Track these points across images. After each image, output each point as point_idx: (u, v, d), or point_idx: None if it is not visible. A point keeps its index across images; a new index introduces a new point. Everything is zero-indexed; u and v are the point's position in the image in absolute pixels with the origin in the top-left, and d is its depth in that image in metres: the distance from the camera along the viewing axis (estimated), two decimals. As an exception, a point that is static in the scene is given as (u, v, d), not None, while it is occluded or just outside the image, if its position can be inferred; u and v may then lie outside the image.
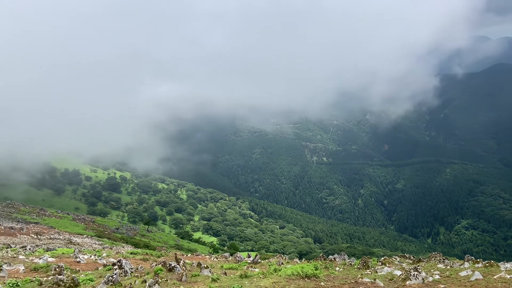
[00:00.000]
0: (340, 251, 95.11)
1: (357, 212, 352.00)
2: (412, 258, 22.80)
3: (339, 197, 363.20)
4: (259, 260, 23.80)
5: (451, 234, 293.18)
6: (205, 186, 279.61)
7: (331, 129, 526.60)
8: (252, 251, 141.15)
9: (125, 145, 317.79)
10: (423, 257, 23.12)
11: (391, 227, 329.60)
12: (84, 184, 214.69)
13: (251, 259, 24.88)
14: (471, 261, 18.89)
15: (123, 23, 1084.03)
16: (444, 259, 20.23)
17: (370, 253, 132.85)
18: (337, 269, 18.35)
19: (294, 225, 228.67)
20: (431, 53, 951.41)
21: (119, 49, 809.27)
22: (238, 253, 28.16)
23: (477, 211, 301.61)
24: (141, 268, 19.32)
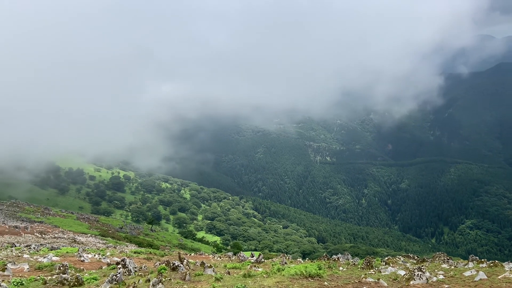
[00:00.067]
0: (343, 250, 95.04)
1: (361, 211, 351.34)
2: (416, 258, 22.72)
3: (343, 196, 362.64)
4: (263, 259, 23.80)
5: (455, 234, 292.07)
6: (208, 185, 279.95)
7: (335, 129, 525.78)
8: (255, 250, 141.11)
9: (128, 144, 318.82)
10: (427, 257, 23.04)
11: (395, 227, 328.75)
12: (88, 183, 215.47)
13: (255, 258, 24.88)
14: (475, 261, 18.80)
15: (126, 23, 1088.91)
16: (448, 259, 20.15)
17: (373, 253, 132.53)
18: (341, 268, 18.32)
19: (297, 225, 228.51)
20: (435, 52, 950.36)
21: (122, 48, 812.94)
22: (241, 252, 28.16)
23: (481, 211, 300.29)
24: (144, 267, 19.36)
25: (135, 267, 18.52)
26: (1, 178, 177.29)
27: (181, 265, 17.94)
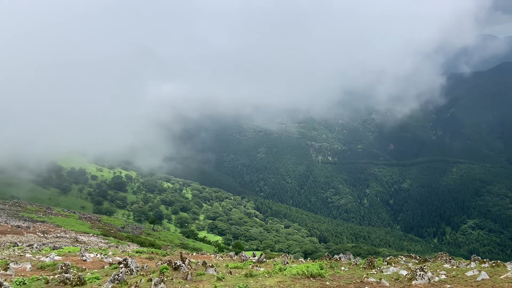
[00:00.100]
0: (345, 250, 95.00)
1: (363, 211, 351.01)
2: (418, 258, 22.69)
3: (345, 196, 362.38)
4: (264, 259, 23.81)
5: (458, 234, 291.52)
6: (210, 185, 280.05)
7: (337, 128, 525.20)
8: (257, 250, 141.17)
9: (129, 144, 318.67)
10: (429, 257, 23.00)
11: (397, 227, 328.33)
12: (90, 183, 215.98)
13: (256, 258, 24.90)
14: (477, 261, 18.77)
15: (126, 23, 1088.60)
16: (450, 259, 20.11)
17: (375, 253, 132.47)
18: (343, 268, 18.31)
19: (299, 225, 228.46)
20: (437, 52, 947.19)
21: (122, 48, 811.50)
22: (243, 252, 28.19)
23: (483, 211, 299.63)
24: (146, 266, 19.40)
25: (137, 267, 18.55)
26: (3, 177, 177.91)
27: (183, 264, 17.97)
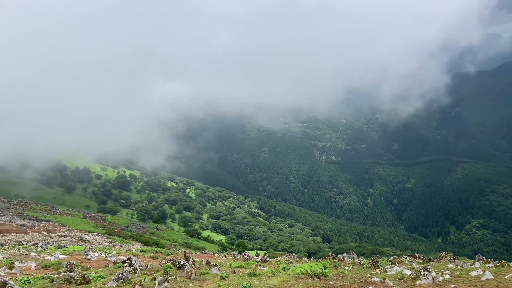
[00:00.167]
0: (349, 250, 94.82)
1: (366, 211, 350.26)
2: (422, 257, 22.63)
3: (348, 196, 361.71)
4: (268, 258, 23.83)
5: (462, 233, 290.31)
6: (213, 184, 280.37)
7: (340, 128, 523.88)
8: (260, 249, 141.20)
9: (132, 143, 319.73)
10: (433, 256, 22.95)
11: (401, 227, 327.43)
12: (94, 182, 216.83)
13: (260, 257, 24.91)
14: (482, 261, 18.69)
15: (129, 22, 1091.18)
16: (454, 259, 20.06)
17: (379, 253, 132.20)
18: (346, 268, 18.29)
19: (302, 224, 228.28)
20: (442, 51, 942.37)
21: (125, 48, 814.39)
22: (246, 251, 28.21)
23: (488, 211, 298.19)
24: (150, 265, 19.45)
25: (141, 266, 18.61)
26: (7, 177, 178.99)
27: (187, 263, 18.01)
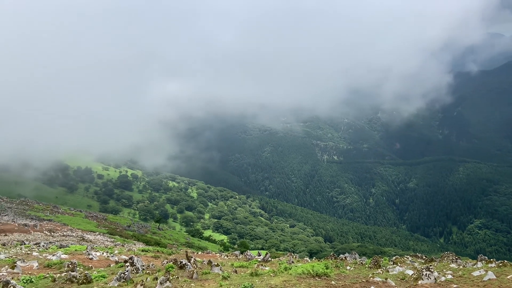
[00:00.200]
0: (351, 250, 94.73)
1: (368, 211, 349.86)
2: (424, 257, 22.59)
3: (350, 196, 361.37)
4: (270, 258, 23.82)
5: (464, 233, 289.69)
6: (215, 184, 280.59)
7: (342, 128, 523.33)
8: (262, 249, 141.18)
9: (134, 143, 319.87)
10: (435, 256, 22.90)
11: (403, 226, 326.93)
12: (96, 182, 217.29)
13: (262, 257, 24.91)
14: (484, 261, 18.64)
15: (131, 22, 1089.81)
16: (456, 259, 20.00)
17: (381, 253, 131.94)
18: (348, 268, 18.26)
19: (304, 224, 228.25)
20: (444, 50, 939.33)
21: (127, 47, 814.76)
22: (248, 251, 28.22)
23: (490, 211, 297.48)
24: (152, 265, 19.47)
25: (143, 265, 18.63)
26: (9, 176, 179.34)
27: (189, 263, 18.01)
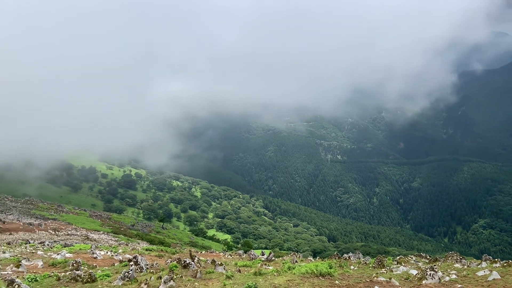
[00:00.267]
0: (354, 249, 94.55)
1: (372, 210, 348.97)
2: (428, 257, 22.51)
3: (354, 195, 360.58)
4: (273, 258, 23.83)
5: (468, 233, 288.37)
6: (218, 183, 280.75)
7: (346, 127, 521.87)
8: (266, 249, 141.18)
9: (137, 142, 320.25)
10: (439, 256, 22.82)
11: (407, 226, 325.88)
12: (100, 181, 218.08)
13: (265, 257, 24.91)
14: (488, 261, 18.56)
15: (134, 21, 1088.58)
16: (461, 259, 19.93)
17: (385, 252, 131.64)
18: (352, 267, 18.24)
19: (308, 223, 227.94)
20: (449, 49, 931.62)
21: (131, 46, 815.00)
22: (252, 250, 28.22)
23: (495, 210, 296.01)
24: (156, 264, 19.52)
25: (147, 264, 18.69)
26: (13, 175, 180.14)
27: (192, 262, 18.05)
